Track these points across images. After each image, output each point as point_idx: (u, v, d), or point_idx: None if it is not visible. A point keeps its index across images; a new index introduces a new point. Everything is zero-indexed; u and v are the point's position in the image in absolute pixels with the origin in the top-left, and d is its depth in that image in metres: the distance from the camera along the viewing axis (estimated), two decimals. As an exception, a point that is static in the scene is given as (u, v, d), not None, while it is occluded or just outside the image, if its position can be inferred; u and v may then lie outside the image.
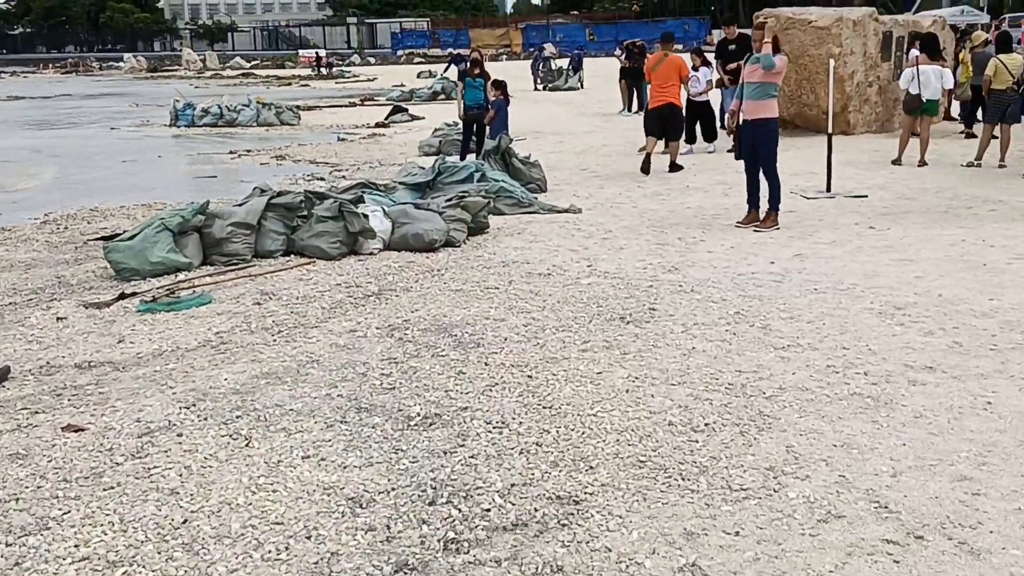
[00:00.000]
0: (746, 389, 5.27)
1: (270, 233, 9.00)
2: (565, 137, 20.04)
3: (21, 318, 7.18)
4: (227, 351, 6.27)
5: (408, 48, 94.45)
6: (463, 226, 9.53)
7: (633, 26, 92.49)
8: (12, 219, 12.18)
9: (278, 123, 25.62)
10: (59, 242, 10.31)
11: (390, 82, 47.03)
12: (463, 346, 6.13)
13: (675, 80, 14.18)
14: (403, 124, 25.04)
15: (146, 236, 8.36)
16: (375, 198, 10.02)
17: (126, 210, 12.45)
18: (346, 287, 7.79)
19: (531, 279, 7.85)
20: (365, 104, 33.39)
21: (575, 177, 14.15)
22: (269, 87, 48.80)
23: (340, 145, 20.32)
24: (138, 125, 27.26)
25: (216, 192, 14.11)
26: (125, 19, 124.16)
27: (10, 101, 42.86)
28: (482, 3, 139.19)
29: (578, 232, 9.93)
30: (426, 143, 18.30)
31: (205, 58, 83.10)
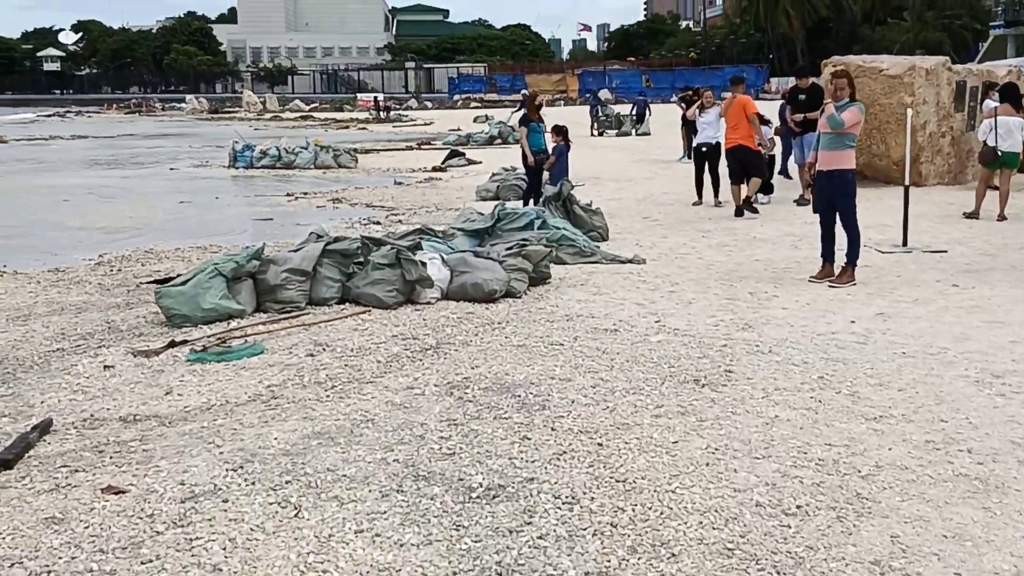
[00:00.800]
0: (839, 466, 4.82)
1: (325, 280, 8.71)
2: (624, 184, 19.70)
3: (68, 366, 6.93)
4: (278, 407, 5.94)
5: (465, 93, 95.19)
6: (524, 276, 9.18)
7: (690, 73, 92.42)
8: (67, 259, 12.06)
9: (335, 166, 25.60)
10: (112, 285, 10.12)
11: (447, 126, 47.17)
12: (527, 408, 5.74)
13: (744, 121, 14.01)
14: (460, 168, 24.88)
15: (199, 282, 8.11)
16: (433, 245, 9.72)
17: (181, 252, 12.29)
18: (402, 339, 7.45)
19: (597, 335, 7.45)
20: (422, 148, 33.36)
21: (637, 225, 13.78)
22: (327, 130, 49.18)
23: (397, 189, 20.16)
24: (197, 166, 27.42)
25: (272, 235, 13.93)
26: (188, 61, 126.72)
27: (75, 140, 43.58)
28: (539, 49, 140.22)
29: (643, 284, 9.53)
30: (483, 188, 18.05)
31: (265, 100, 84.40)
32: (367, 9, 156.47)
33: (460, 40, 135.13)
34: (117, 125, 60.86)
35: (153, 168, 27.58)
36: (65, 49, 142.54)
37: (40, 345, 7.53)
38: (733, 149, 14.26)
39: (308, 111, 76.57)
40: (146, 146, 38.91)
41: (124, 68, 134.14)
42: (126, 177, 24.90)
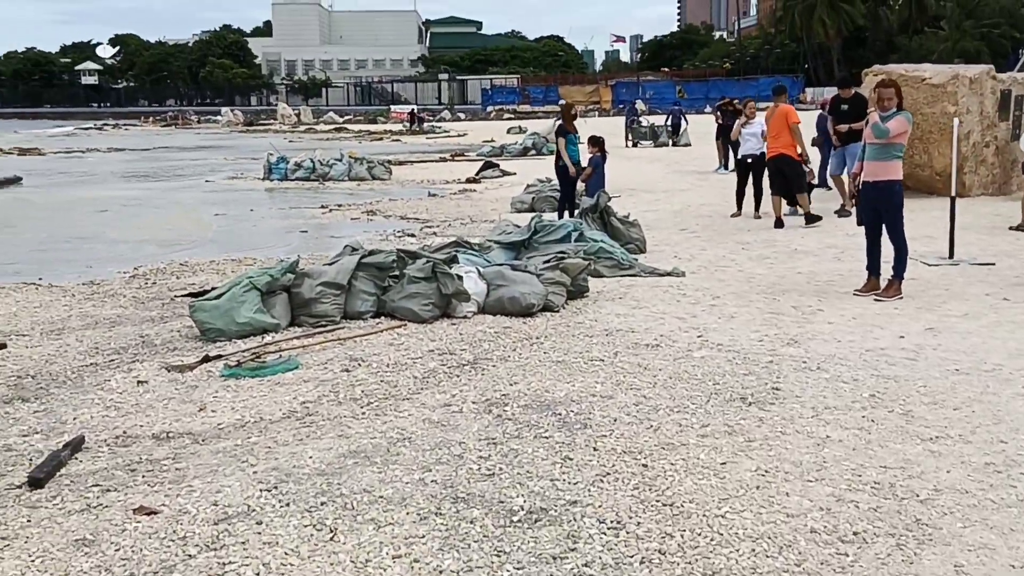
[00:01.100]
0: (896, 490, 4.61)
1: (360, 294, 8.59)
2: (660, 195, 19.50)
3: (101, 381, 6.84)
4: (313, 424, 5.81)
5: (498, 104, 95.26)
6: (562, 289, 9.01)
7: (724, 84, 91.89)
8: (102, 272, 12.04)
9: (370, 178, 25.58)
10: (146, 298, 10.06)
11: (480, 137, 47.12)
12: (569, 427, 5.57)
13: (785, 130, 13.86)
14: (494, 180, 24.78)
15: (233, 295, 8.01)
16: (469, 258, 9.58)
17: (216, 265, 12.23)
18: (439, 354, 7.31)
19: (638, 350, 7.27)
20: (456, 159, 33.32)
21: (674, 237, 13.58)
22: (361, 142, 49.29)
23: (431, 201, 20.06)
24: (232, 178, 27.51)
25: (307, 247, 13.88)
26: (224, 74, 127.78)
27: (111, 153, 43.94)
28: (572, 60, 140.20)
29: (684, 298, 9.33)
30: (518, 200, 17.92)
31: (300, 112, 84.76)
32: (401, 22, 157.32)
33: (493, 52, 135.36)
34: (153, 138, 61.37)
35: (189, 180, 27.69)
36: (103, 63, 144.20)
37: (73, 360, 7.46)
38: (775, 158, 14.09)
39: (342, 123, 76.84)
40: (182, 158, 39.15)
41: (160, 81, 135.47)
42: (162, 189, 25.01)
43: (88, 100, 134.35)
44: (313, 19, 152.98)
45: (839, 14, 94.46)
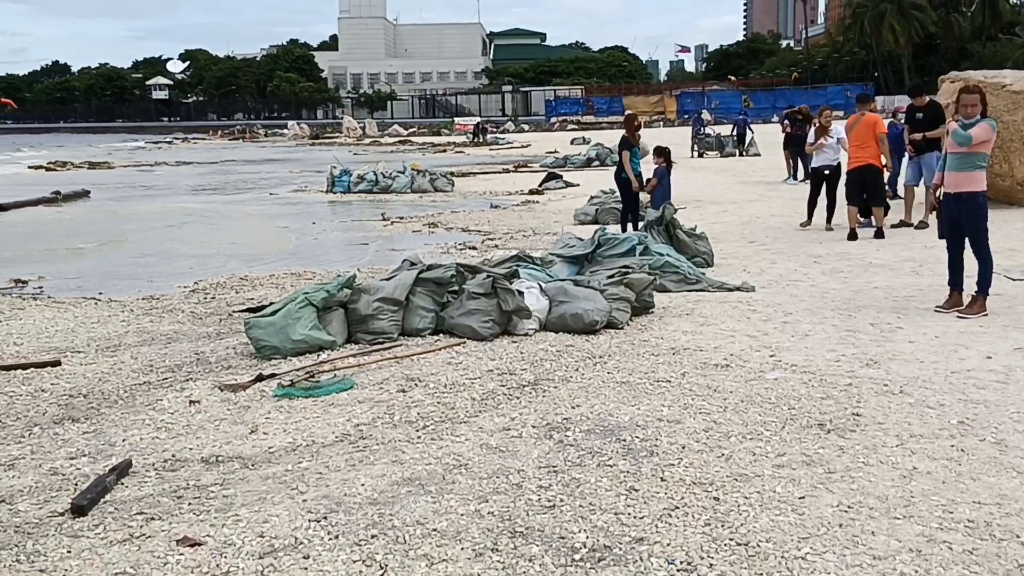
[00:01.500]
0: (992, 529, 4.23)
1: (418, 310, 8.36)
2: (727, 206, 19.06)
3: (153, 400, 6.68)
4: (366, 448, 5.57)
5: (562, 115, 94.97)
6: (626, 306, 8.69)
7: (791, 93, 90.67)
8: (163, 286, 11.98)
9: (432, 190, 25.46)
10: (204, 313, 9.94)
11: (543, 149, 46.93)
12: (634, 454, 5.26)
13: (872, 140, 13.43)
14: (557, 191, 24.51)
15: (289, 312, 7.83)
16: (531, 272, 9.31)
17: (275, 279, 12.11)
18: (498, 374, 7.03)
19: (707, 371, 6.93)
20: (519, 171, 33.13)
21: (743, 250, 13.17)
22: (425, 154, 49.37)
23: (493, 213, 19.84)
24: (296, 191, 27.59)
25: (367, 261, 13.74)
26: (291, 88, 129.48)
27: (179, 167, 44.52)
28: (636, 70, 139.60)
29: (754, 314, 8.95)
30: (581, 211, 17.63)
31: (365, 125, 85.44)
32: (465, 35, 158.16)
33: (557, 63, 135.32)
34: (221, 151, 62.16)
35: (253, 193, 27.84)
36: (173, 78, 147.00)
37: (127, 378, 7.32)
38: (859, 169, 13.58)
39: (406, 136, 77.24)
40: (248, 172, 39.49)
41: (229, 95, 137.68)
42: (226, 202, 25.14)
43: (158, 114, 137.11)
44: (379, 33, 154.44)
45: (910, 21, 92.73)
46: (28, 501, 4.95)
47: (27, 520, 4.71)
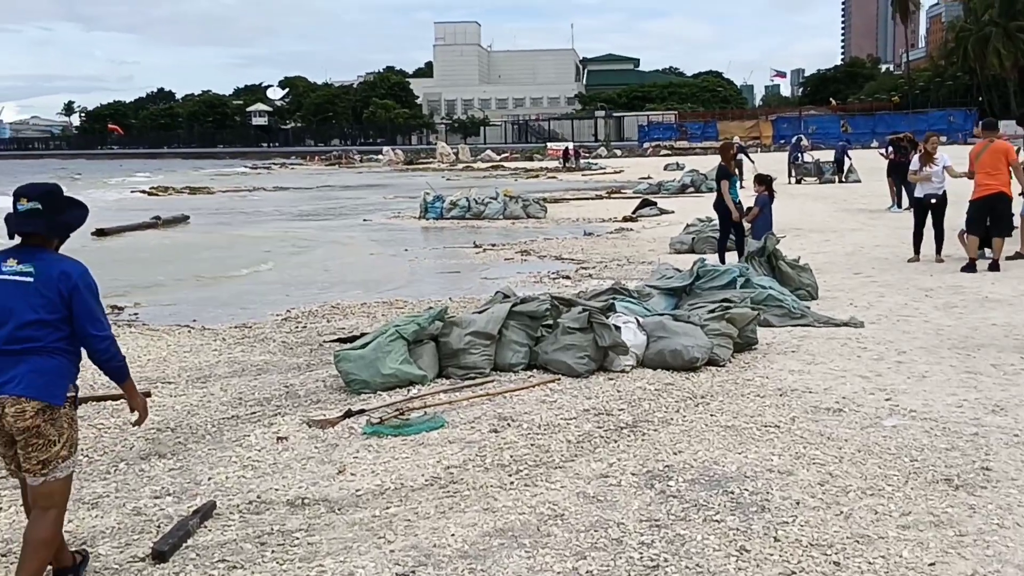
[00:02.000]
0: None
1: (511, 344, 8.09)
2: (830, 235, 18.44)
3: (240, 436, 6.52)
4: (457, 494, 5.30)
5: (655, 140, 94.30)
6: (728, 342, 8.30)
7: (892, 118, 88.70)
8: (256, 313, 11.96)
9: (524, 216, 25.28)
10: (295, 343, 9.83)
11: (636, 174, 46.52)
12: (743, 509, 4.88)
13: (1003, 167, 12.87)
14: (651, 218, 24.11)
15: (379, 345, 7.63)
16: (627, 306, 8.97)
17: (367, 307, 11.99)
18: (595, 414, 6.71)
19: (818, 415, 6.50)
20: (612, 197, 32.79)
21: (848, 282, 12.63)
22: (517, 179, 49.36)
23: (586, 240, 19.54)
24: (390, 217, 27.68)
25: (459, 289, 13.55)
26: (386, 114, 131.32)
27: (276, 192, 45.24)
28: (730, 95, 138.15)
29: (864, 352, 8.47)
30: (677, 240, 17.22)
31: (458, 151, 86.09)
32: (559, 61, 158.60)
33: (651, 88, 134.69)
34: (317, 176, 63.14)
35: (348, 219, 28.02)
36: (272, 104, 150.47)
37: (215, 411, 7.20)
38: (989, 197, 13.01)
39: (499, 161, 77.55)
40: (343, 197, 39.90)
41: (326, 121, 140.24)
42: (321, 228, 25.33)
43: (258, 140, 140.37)
44: (473, 60, 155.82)
45: (1016, 45, 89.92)
46: (109, 544, 4.80)
47: (107, 565, 4.55)
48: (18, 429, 4.01)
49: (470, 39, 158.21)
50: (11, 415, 3.99)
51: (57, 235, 4.22)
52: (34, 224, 4.12)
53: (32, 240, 4.15)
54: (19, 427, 4.01)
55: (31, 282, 4.05)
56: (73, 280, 4.08)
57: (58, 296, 4.05)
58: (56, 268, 4.10)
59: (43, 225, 4.13)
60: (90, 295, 4.13)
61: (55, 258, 4.16)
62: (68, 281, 4.07)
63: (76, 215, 4.30)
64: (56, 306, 4.05)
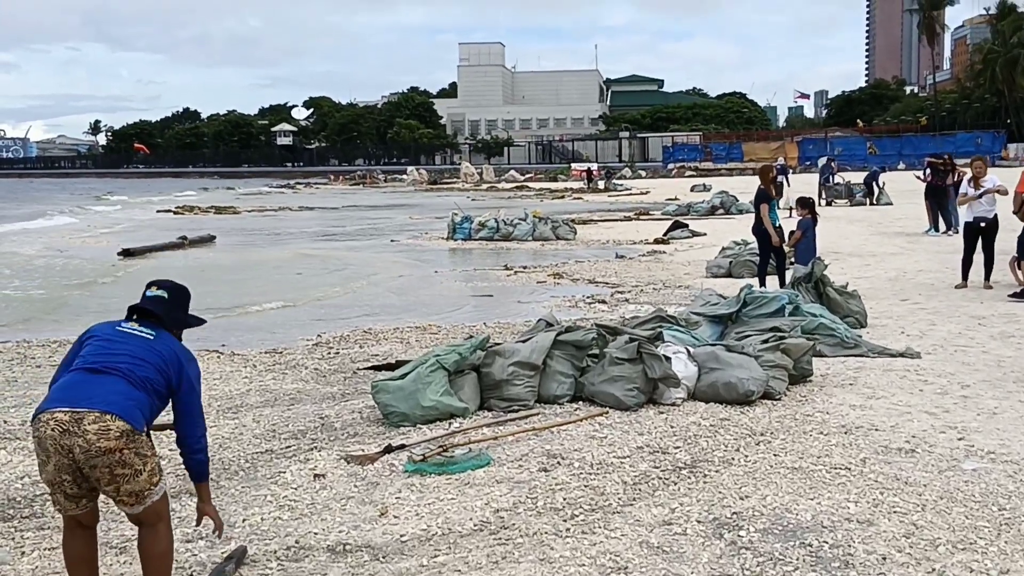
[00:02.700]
0: None
1: (556, 375, 7.73)
2: (869, 259, 18.00)
3: (275, 473, 6.17)
4: (509, 541, 4.93)
5: (679, 161, 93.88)
6: (784, 374, 7.91)
7: (919, 140, 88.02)
8: (286, 337, 11.65)
9: (554, 237, 24.94)
10: (328, 370, 9.49)
11: (663, 195, 46.19)
12: (824, 565, 4.49)
13: None
14: (683, 240, 23.71)
15: (419, 376, 7.28)
16: (675, 334, 8.59)
17: (399, 332, 11.65)
18: (649, 452, 6.33)
19: (889, 456, 6.09)
20: (640, 218, 32.41)
21: (896, 309, 12.20)
22: (542, 200, 49.07)
23: (619, 263, 19.15)
24: (416, 238, 27.39)
25: (493, 314, 13.21)
26: (410, 134, 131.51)
27: (302, 211, 45.11)
28: (755, 117, 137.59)
29: (926, 385, 8.05)
30: (714, 264, 16.82)
31: (482, 171, 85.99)
32: (582, 81, 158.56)
33: (675, 109, 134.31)
34: (342, 196, 63.07)
35: (374, 240, 27.76)
36: (297, 124, 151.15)
37: (248, 445, 6.86)
38: None
39: (523, 181, 77.36)
40: (369, 217, 39.70)
41: (350, 141, 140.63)
42: (348, 249, 25.07)
43: (283, 160, 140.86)
44: (497, 80, 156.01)
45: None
46: (139, 595, 4.45)
47: (137, 620, 4.21)
48: (98, 450, 3.78)
49: (494, 60, 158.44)
50: (93, 432, 3.78)
51: (173, 325, 4.33)
52: (156, 307, 4.26)
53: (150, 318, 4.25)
54: (99, 447, 3.78)
55: (150, 339, 4.12)
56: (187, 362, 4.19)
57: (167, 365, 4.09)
58: (176, 345, 4.23)
59: (165, 311, 4.27)
60: (197, 383, 4.24)
61: (174, 339, 4.29)
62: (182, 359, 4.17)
63: (196, 320, 4.53)
64: (163, 370, 4.07)
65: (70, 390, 3.90)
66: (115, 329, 4.15)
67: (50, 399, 3.92)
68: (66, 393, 3.90)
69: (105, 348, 4.04)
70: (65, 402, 3.85)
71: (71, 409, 3.81)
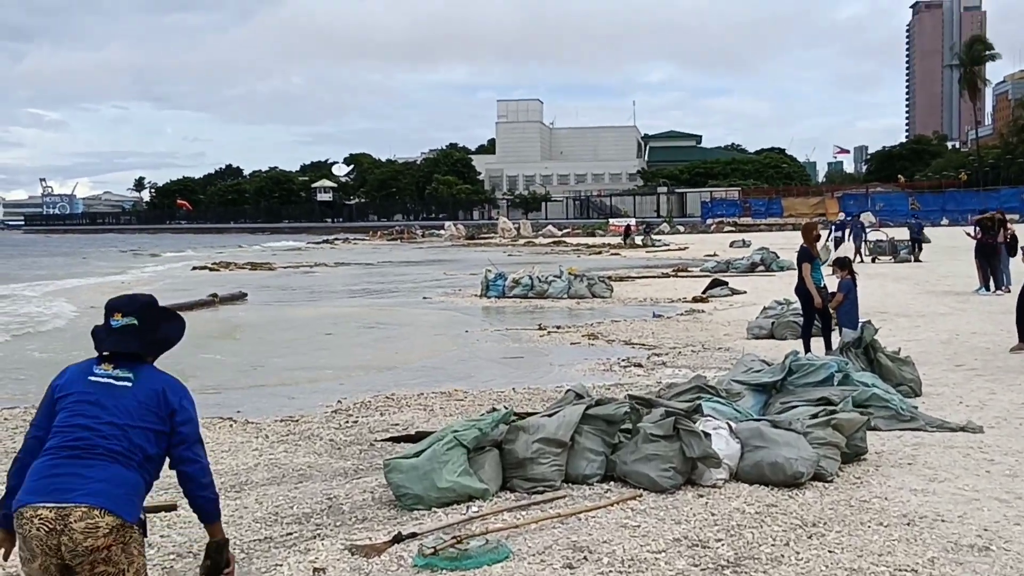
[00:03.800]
0: None
1: (585, 452, 7.10)
2: (918, 320, 17.22)
3: (271, 566, 5.57)
4: (526, 657, 4.30)
5: (718, 217, 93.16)
6: (836, 453, 7.22)
7: (961, 195, 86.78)
8: (305, 404, 11.11)
9: (589, 295, 24.34)
10: (343, 442, 8.92)
11: (702, 251, 45.53)
12: None
13: None
14: (723, 299, 23.04)
15: (435, 454, 6.69)
16: (715, 407, 7.93)
17: (423, 399, 11.08)
18: (688, 545, 5.66)
19: (960, 555, 5.38)
20: (679, 275, 31.76)
21: (951, 376, 11.45)
22: (580, 255, 48.59)
23: (657, 323, 18.51)
24: (449, 294, 26.91)
25: (523, 378, 12.63)
26: (448, 190, 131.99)
27: (337, 268, 44.87)
28: (794, 172, 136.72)
29: (993, 466, 7.32)
30: (755, 325, 16.14)
31: (520, 226, 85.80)
32: (620, 137, 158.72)
33: (713, 164, 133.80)
34: (378, 252, 62.96)
35: (406, 297, 27.30)
36: (337, 180, 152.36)
37: (246, 530, 6.27)
38: None
39: (560, 236, 77.05)
40: (403, 273, 39.36)
41: (389, 197, 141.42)
42: (379, 307, 24.61)
43: (322, 215, 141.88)
44: (535, 136, 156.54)
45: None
46: None
47: None
48: (84, 549, 3.41)
49: (532, 116, 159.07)
50: (80, 530, 3.41)
51: (153, 353, 3.87)
52: (130, 343, 3.74)
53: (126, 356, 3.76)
54: (86, 546, 3.41)
55: (129, 387, 3.67)
56: (178, 397, 3.73)
57: (157, 407, 3.66)
58: (158, 381, 3.74)
59: (140, 345, 3.76)
60: (194, 414, 3.78)
61: (156, 372, 3.80)
62: (173, 396, 3.71)
63: (174, 327, 3.95)
64: (152, 418, 3.65)
65: (52, 479, 3.50)
66: (89, 381, 3.68)
67: (31, 490, 3.51)
68: (48, 483, 3.49)
69: (83, 414, 3.59)
70: (48, 495, 3.46)
71: (56, 505, 3.44)
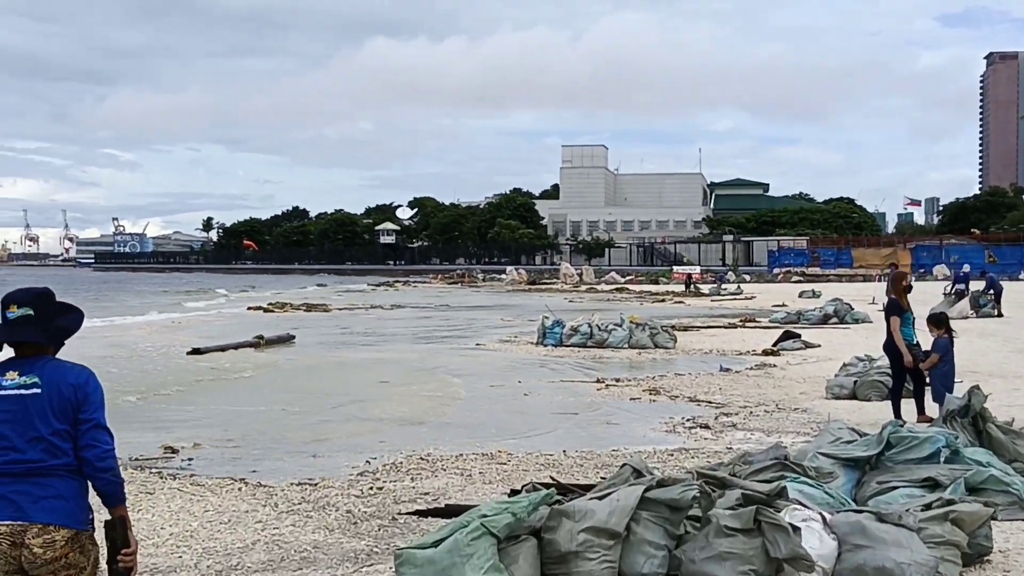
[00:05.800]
0: None
1: (643, 545, 5.77)
2: (1015, 381, 15.59)
3: None
4: None
5: (785, 266, 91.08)
6: (956, 554, 5.82)
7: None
8: (328, 464, 9.92)
9: (652, 345, 22.92)
10: (362, 514, 7.67)
11: (769, 301, 43.88)
12: None
13: None
14: (795, 352, 21.49)
15: (457, 544, 5.42)
16: (803, 489, 6.57)
17: (462, 461, 9.83)
18: None
19: None
20: (746, 326, 30.20)
21: (1070, 450, 9.89)
22: (643, 303, 47.17)
23: (724, 377, 17.08)
24: (504, 341, 25.66)
25: (575, 438, 11.36)
26: (511, 234, 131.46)
27: (392, 310, 43.95)
28: (863, 222, 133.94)
29: None
30: (836, 384, 14.63)
31: (582, 272, 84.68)
32: (686, 184, 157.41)
33: (780, 213, 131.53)
34: (437, 295, 62.06)
35: (458, 343, 26.13)
36: (400, 223, 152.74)
37: (215, 639, 5.06)
38: None
39: (623, 283, 75.61)
40: (459, 317, 38.27)
41: (452, 240, 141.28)
42: (430, 352, 23.43)
43: (385, 258, 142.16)
44: (599, 182, 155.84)
45: None
46: None
47: None
48: (45, 560, 3.63)
49: (597, 162, 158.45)
50: (38, 545, 3.62)
51: (54, 342, 3.86)
52: (28, 332, 3.76)
53: (27, 350, 3.78)
54: (46, 558, 3.62)
55: (39, 393, 3.68)
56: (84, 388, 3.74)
57: (71, 406, 3.70)
58: (65, 376, 3.75)
59: (38, 333, 3.77)
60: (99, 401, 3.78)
61: (60, 365, 3.79)
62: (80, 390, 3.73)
63: (72, 318, 3.93)
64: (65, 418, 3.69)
65: None
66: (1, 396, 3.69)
67: None
68: None
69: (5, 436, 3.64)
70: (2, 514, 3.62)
71: (11, 522, 3.61)
